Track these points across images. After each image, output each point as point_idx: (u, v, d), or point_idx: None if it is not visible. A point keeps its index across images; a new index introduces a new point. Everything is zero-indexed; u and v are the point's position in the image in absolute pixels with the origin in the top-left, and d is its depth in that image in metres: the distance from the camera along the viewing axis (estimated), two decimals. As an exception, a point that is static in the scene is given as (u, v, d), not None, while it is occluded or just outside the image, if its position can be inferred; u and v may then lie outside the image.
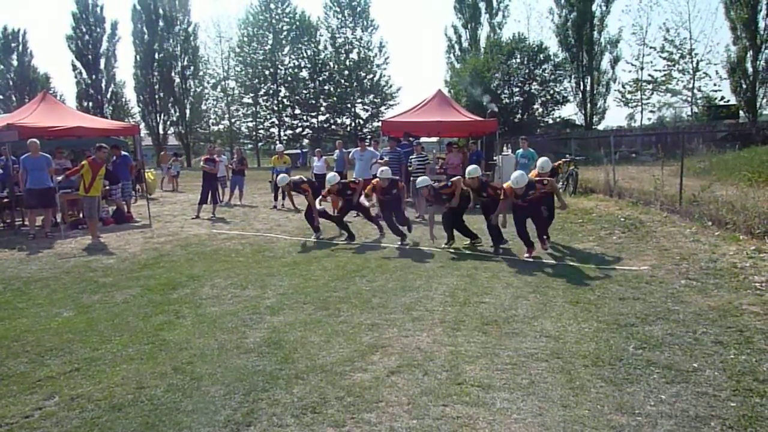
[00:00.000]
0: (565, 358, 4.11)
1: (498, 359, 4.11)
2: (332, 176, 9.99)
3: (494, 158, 16.93)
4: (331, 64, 50.26)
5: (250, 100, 50.78)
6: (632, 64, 39.18)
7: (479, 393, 3.56)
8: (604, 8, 38.50)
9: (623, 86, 40.16)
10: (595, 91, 39.58)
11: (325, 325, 4.96)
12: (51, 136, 11.94)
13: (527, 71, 35.71)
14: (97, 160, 10.12)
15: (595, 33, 38.63)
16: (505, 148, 18.17)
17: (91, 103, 49.49)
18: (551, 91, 36.93)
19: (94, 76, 50.09)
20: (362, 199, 9.59)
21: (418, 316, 5.19)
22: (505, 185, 7.90)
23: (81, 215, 12.37)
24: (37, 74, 56.24)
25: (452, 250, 8.27)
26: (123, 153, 13.98)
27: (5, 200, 11.91)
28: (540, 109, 37.78)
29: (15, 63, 55.37)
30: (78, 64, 49.75)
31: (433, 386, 3.68)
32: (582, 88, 39.52)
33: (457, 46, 44.59)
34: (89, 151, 11.46)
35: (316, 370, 3.98)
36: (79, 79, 50.03)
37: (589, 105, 39.66)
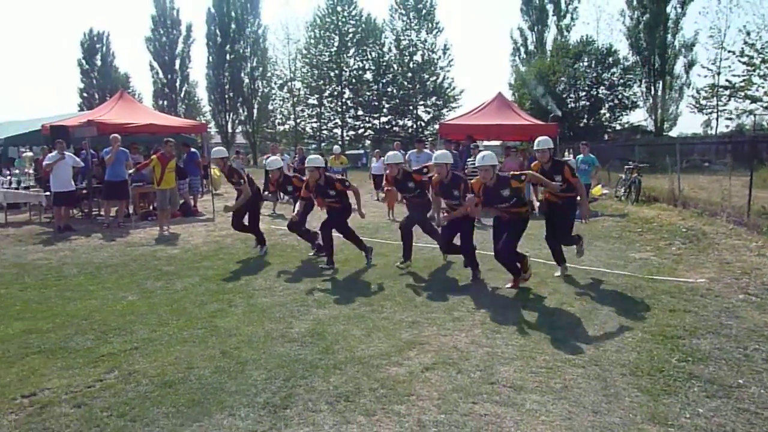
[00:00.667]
0: (602, 365, 4.08)
1: (534, 362, 4.13)
2: (272, 160, 8.63)
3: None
4: (395, 66, 50.59)
5: (315, 101, 51.90)
6: (708, 69, 37.31)
7: (510, 393, 3.61)
8: (679, 10, 36.91)
9: (697, 92, 38.24)
10: (666, 97, 38.02)
11: (368, 320, 5.12)
12: (126, 132, 12.72)
13: (594, 75, 34.77)
14: (165, 154, 10.72)
15: (669, 36, 37.08)
16: (566, 153, 17.82)
17: (166, 102, 52.16)
18: (619, 96, 35.78)
19: (169, 76, 52.80)
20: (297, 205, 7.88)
21: (459, 316, 5.27)
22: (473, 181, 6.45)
23: (151, 207, 13.13)
24: (118, 74, 59.55)
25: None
26: (191, 150, 14.73)
27: (84, 191, 12.79)
28: (607, 114, 36.66)
29: (99, 63, 58.88)
30: (155, 65, 52.60)
31: (464, 384, 3.76)
32: (653, 93, 38.05)
33: (522, 49, 43.94)
34: (161, 146, 12.13)
35: (354, 362, 4.14)
36: (155, 78, 52.91)
37: (659, 111, 38.13)
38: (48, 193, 11.48)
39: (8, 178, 13.16)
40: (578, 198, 6.73)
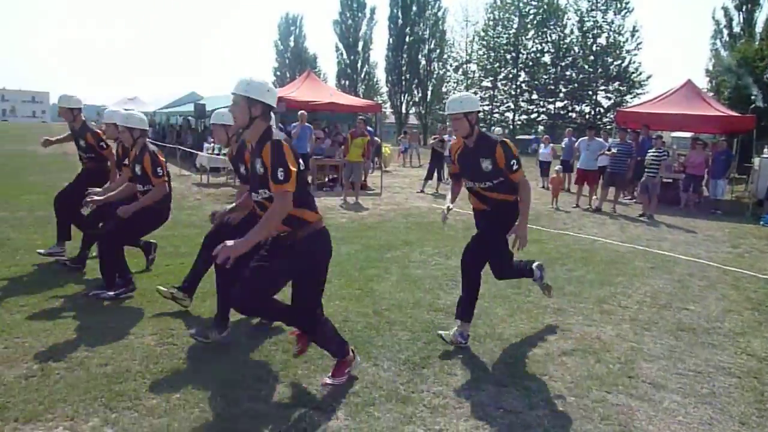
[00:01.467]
0: (762, 379, 3.79)
1: (682, 364, 3.97)
2: (110, 112, 5.70)
3: (751, 161, 14.84)
4: (576, 48, 47.99)
5: (488, 84, 51.36)
6: None
7: (648, 389, 3.55)
8: None
9: None
10: None
11: (513, 302, 5.25)
12: (309, 109, 13.98)
13: (817, 61, 29.67)
14: (356, 131, 11.85)
15: None
16: (766, 150, 15.71)
17: (347, 82, 55.35)
18: None
19: (352, 57, 55.87)
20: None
21: (608, 309, 5.16)
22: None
23: (326, 179, 14.34)
24: (307, 54, 64.45)
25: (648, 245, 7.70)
26: (367, 128, 15.72)
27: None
28: (831, 108, 31.18)
29: (292, 44, 64.29)
30: (340, 46, 56.01)
31: (601, 373, 3.76)
32: None
33: (725, 31, 38.84)
34: (339, 126, 13.14)
35: (494, 337, 4.33)
36: (340, 59, 56.31)
37: None
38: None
39: (212, 144, 15.20)
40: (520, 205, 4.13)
